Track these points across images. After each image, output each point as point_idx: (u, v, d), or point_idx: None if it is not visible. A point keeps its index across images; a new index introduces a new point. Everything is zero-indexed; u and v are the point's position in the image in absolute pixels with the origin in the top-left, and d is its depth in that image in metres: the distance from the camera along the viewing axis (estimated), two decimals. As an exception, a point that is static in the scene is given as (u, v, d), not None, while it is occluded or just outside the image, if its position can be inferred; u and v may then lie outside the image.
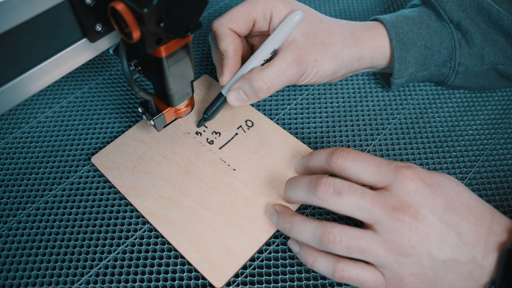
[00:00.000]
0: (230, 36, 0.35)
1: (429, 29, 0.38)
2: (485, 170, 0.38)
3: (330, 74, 0.37)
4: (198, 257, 0.32)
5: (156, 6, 0.25)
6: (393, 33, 0.38)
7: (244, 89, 0.35)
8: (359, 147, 0.39)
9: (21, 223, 0.35)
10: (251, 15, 0.35)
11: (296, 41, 0.35)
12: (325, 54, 0.36)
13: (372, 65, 0.39)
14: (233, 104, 0.35)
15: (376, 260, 0.28)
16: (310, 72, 0.36)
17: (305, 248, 0.31)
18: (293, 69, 0.35)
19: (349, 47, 0.37)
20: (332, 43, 0.36)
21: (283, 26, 0.34)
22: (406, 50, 0.38)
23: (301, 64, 0.35)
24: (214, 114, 0.37)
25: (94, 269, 0.32)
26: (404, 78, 0.39)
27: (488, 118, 0.41)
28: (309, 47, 0.35)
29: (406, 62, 0.38)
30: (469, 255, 0.28)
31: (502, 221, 0.29)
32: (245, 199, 0.35)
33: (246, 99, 0.35)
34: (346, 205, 0.29)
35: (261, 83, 0.34)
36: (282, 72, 0.34)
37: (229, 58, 0.35)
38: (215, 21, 0.36)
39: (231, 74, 0.35)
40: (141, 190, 0.35)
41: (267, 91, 0.34)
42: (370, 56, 0.38)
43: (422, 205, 0.28)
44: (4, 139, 0.40)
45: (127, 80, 0.30)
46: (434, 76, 0.41)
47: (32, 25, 0.25)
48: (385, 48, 0.38)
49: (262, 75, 0.34)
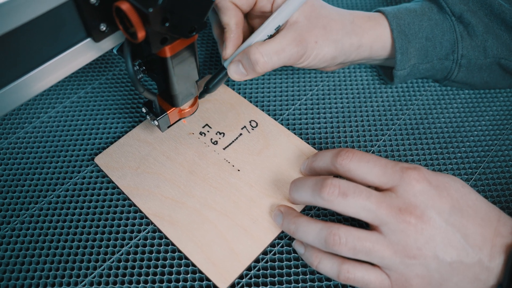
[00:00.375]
0: (232, 10, 0.35)
1: (430, 21, 0.39)
2: (491, 171, 0.37)
3: (329, 59, 0.37)
4: (202, 258, 0.32)
5: (161, 6, 0.25)
6: (394, 24, 0.38)
7: (243, 62, 0.34)
8: (364, 147, 0.39)
9: (24, 224, 0.34)
10: None
11: (298, 22, 0.35)
12: (326, 38, 0.36)
13: (371, 55, 0.39)
14: (233, 77, 0.35)
15: (382, 261, 0.28)
16: (310, 54, 0.36)
17: (310, 250, 0.31)
18: (292, 47, 0.34)
19: (349, 35, 0.37)
20: (333, 28, 0.36)
21: (288, 3, 0.34)
22: (408, 41, 0.38)
23: (301, 44, 0.35)
24: (215, 87, 0.37)
25: (98, 270, 0.32)
26: (407, 70, 0.39)
27: (494, 119, 0.41)
28: (310, 29, 0.35)
29: (408, 53, 0.38)
30: (475, 257, 0.28)
31: (508, 223, 0.29)
32: (249, 200, 0.34)
33: (245, 73, 0.35)
34: (351, 207, 0.29)
35: (258, 56, 0.33)
36: (281, 49, 0.34)
37: (231, 31, 0.35)
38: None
39: (234, 47, 0.35)
40: (145, 190, 0.35)
41: (264, 65, 0.34)
42: (369, 45, 0.38)
43: (428, 206, 0.28)
44: (8, 139, 0.40)
45: (131, 80, 0.30)
46: (437, 70, 0.41)
47: (36, 25, 0.25)
48: (385, 39, 0.38)
49: (260, 48, 0.34)
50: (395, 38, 0.38)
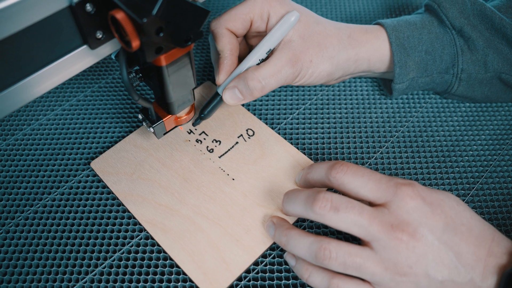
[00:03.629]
0: (227, 36, 0.35)
1: (430, 34, 0.38)
2: (488, 187, 0.37)
3: (326, 76, 0.37)
4: (193, 267, 0.32)
5: (156, 16, 0.25)
6: (393, 37, 0.38)
7: (239, 87, 0.35)
8: (361, 159, 0.39)
9: (18, 226, 0.35)
10: (248, 15, 0.36)
11: (292, 42, 0.35)
12: (321, 55, 0.36)
13: (369, 68, 0.39)
14: (229, 102, 0.36)
15: (372, 278, 0.28)
16: (305, 73, 0.36)
17: (301, 262, 0.31)
18: (288, 69, 0.35)
19: (346, 49, 0.37)
20: (329, 44, 0.36)
21: (279, 27, 0.35)
22: (407, 54, 0.38)
23: (296, 64, 0.35)
24: (210, 113, 0.38)
25: (89, 275, 0.32)
26: (405, 83, 0.39)
27: (494, 134, 0.40)
28: (305, 48, 0.35)
29: (406, 67, 0.38)
30: (467, 277, 0.27)
31: (503, 243, 0.29)
32: (242, 209, 0.34)
33: (241, 98, 0.35)
34: (343, 222, 0.28)
35: (255, 82, 0.34)
36: (276, 72, 0.34)
37: (225, 58, 0.35)
38: (213, 21, 0.36)
39: (227, 74, 0.36)
40: (139, 197, 0.35)
41: (262, 90, 0.35)
42: (366, 58, 0.38)
43: (421, 224, 0.28)
44: (6, 140, 0.40)
45: (126, 88, 0.30)
46: (437, 84, 0.40)
47: (33, 31, 0.25)
48: (383, 51, 0.38)
49: (257, 74, 0.34)
50: (393, 51, 0.38)
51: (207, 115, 0.37)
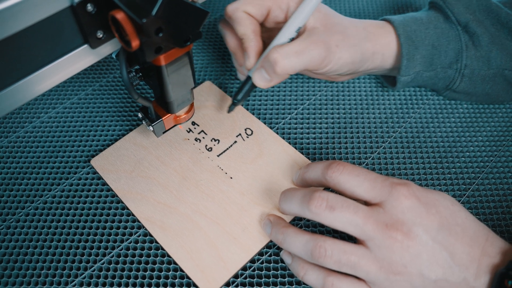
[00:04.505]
0: (247, 19, 0.35)
1: (436, 29, 0.38)
2: (484, 188, 0.37)
3: (350, 63, 0.37)
4: (190, 264, 0.32)
5: (156, 16, 0.25)
6: (401, 30, 0.38)
7: (265, 67, 0.34)
8: (358, 159, 0.39)
9: (19, 222, 0.35)
10: (267, 3, 0.35)
11: (316, 28, 0.35)
12: (346, 42, 0.36)
13: (382, 63, 0.39)
14: (258, 84, 0.35)
15: (367, 276, 0.28)
16: (332, 58, 0.35)
17: (297, 260, 0.31)
18: (314, 47, 0.34)
19: (365, 40, 0.37)
20: (350, 33, 0.36)
21: (302, 7, 0.34)
22: (415, 47, 0.38)
23: (324, 45, 0.34)
24: (243, 98, 0.37)
25: (88, 271, 0.33)
26: (411, 76, 0.39)
27: (491, 135, 0.41)
28: (329, 35, 0.35)
29: (413, 60, 0.38)
30: (460, 276, 0.28)
31: (496, 243, 0.29)
32: (240, 208, 0.35)
33: (268, 78, 0.34)
34: (338, 221, 0.29)
35: (276, 55, 0.33)
36: (301, 50, 0.33)
37: (251, 40, 0.34)
38: (229, 6, 0.35)
39: (256, 55, 0.35)
40: (138, 194, 0.35)
41: (283, 66, 0.33)
42: (381, 52, 0.38)
43: (415, 223, 0.28)
44: (8, 137, 0.40)
45: (126, 87, 0.30)
46: (440, 79, 0.40)
47: (35, 30, 0.25)
48: (394, 46, 0.38)
49: (279, 49, 0.33)
50: (402, 44, 0.38)
51: (241, 100, 0.37)
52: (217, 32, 0.49)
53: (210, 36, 0.49)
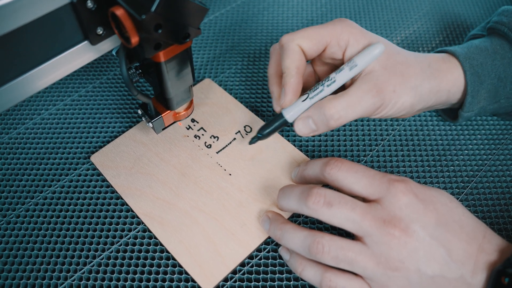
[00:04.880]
0: (297, 54, 0.33)
1: (503, 60, 0.36)
2: (483, 186, 0.37)
3: (408, 106, 0.34)
4: (189, 260, 0.32)
5: (155, 13, 0.25)
6: (467, 65, 0.36)
7: (314, 118, 0.32)
8: (357, 157, 0.39)
9: (19, 217, 0.35)
10: (325, 38, 0.33)
11: (374, 72, 0.33)
12: (404, 85, 0.33)
13: (448, 99, 0.37)
14: (300, 132, 0.33)
15: (364, 272, 0.29)
16: (387, 104, 0.33)
17: (295, 256, 0.31)
18: (369, 99, 0.32)
19: (428, 79, 0.35)
20: (411, 74, 0.34)
21: (362, 57, 0.32)
22: (480, 82, 0.36)
23: (379, 94, 0.32)
24: (269, 135, 0.35)
25: (87, 266, 0.33)
26: (475, 111, 0.38)
27: (490, 133, 0.41)
28: (387, 78, 0.33)
29: (478, 95, 0.36)
30: (457, 273, 0.28)
31: (494, 240, 0.29)
32: (238, 204, 0.35)
33: (314, 129, 0.33)
34: (336, 217, 0.29)
35: (333, 112, 0.31)
36: (357, 102, 0.32)
37: (291, 76, 0.33)
38: (286, 35, 0.34)
39: (295, 95, 0.33)
40: (137, 190, 0.36)
41: (339, 121, 0.32)
42: (447, 89, 0.36)
43: (413, 220, 0.28)
44: (8, 134, 0.41)
45: (125, 83, 0.30)
46: (502, 108, 0.39)
47: (36, 26, 0.25)
48: (460, 82, 0.36)
49: (335, 103, 0.31)
50: (467, 80, 0.36)
51: (266, 135, 0.35)
52: (217, 30, 0.49)
53: (209, 34, 0.49)
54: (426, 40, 0.48)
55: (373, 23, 0.50)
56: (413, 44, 0.48)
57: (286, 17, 0.51)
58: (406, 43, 0.48)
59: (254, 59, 0.46)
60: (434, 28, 0.49)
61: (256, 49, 0.47)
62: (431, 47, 0.48)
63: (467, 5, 0.52)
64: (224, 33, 0.49)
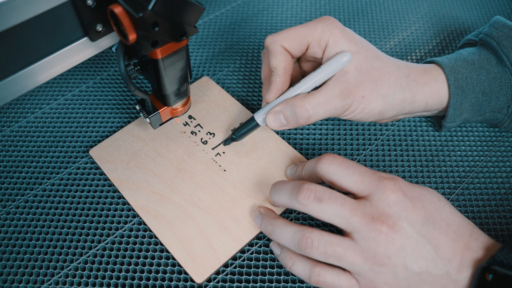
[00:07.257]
0: (282, 54, 0.35)
1: (489, 74, 0.37)
2: (474, 186, 0.38)
3: (377, 113, 0.36)
4: (182, 253, 0.33)
5: (152, 11, 0.26)
6: (451, 79, 0.36)
7: (285, 113, 0.34)
8: (350, 156, 0.40)
9: (19, 208, 0.36)
10: (306, 38, 0.35)
11: (347, 74, 0.34)
12: (375, 92, 0.34)
13: (426, 109, 0.38)
14: (271, 126, 0.35)
15: (352, 267, 0.29)
16: (355, 108, 0.35)
17: (286, 251, 0.32)
18: (338, 101, 0.33)
19: (402, 90, 0.35)
20: (385, 82, 0.35)
21: (328, 65, 0.34)
22: (464, 96, 0.36)
23: (348, 98, 0.34)
24: (242, 137, 0.37)
25: (83, 257, 0.34)
26: (457, 122, 0.38)
27: (483, 135, 0.41)
28: (359, 82, 0.34)
29: (461, 108, 0.37)
30: (443, 269, 0.28)
31: (480, 238, 0.30)
32: (232, 199, 0.36)
33: (285, 124, 0.35)
34: (326, 212, 0.29)
35: (303, 110, 0.33)
36: (326, 102, 0.33)
37: (278, 75, 0.35)
38: (269, 37, 0.35)
39: (278, 92, 0.35)
40: (133, 184, 0.36)
41: (308, 119, 0.34)
42: (424, 101, 0.36)
43: (401, 217, 0.29)
44: (10, 127, 0.42)
45: (123, 79, 0.31)
46: (487, 121, 0.39)
47: (37, 22, 0.26)
48: (441, 94, 0.37)
49: (305, 102, 0.33)
50: (451, 94, 0.36)
51: (239, 137, 0.37)
52: (217, 28, 0.50)
53: (209, 32, 0.50)
54: (423, 42, 0.49)
55: (371, 25, 0.51)
56: (410, 46, 0.49)
57: (285, 17, 0.51)
58: (403, 44, 0.49)
59: (252, 58, 0.47)
60: (431, 31, 0.50)
61: (255, 48, 0.48)
62: (427, 49, 0.48)
63: (465, 8, 0.53)
64: (223, 32, 0.50)
